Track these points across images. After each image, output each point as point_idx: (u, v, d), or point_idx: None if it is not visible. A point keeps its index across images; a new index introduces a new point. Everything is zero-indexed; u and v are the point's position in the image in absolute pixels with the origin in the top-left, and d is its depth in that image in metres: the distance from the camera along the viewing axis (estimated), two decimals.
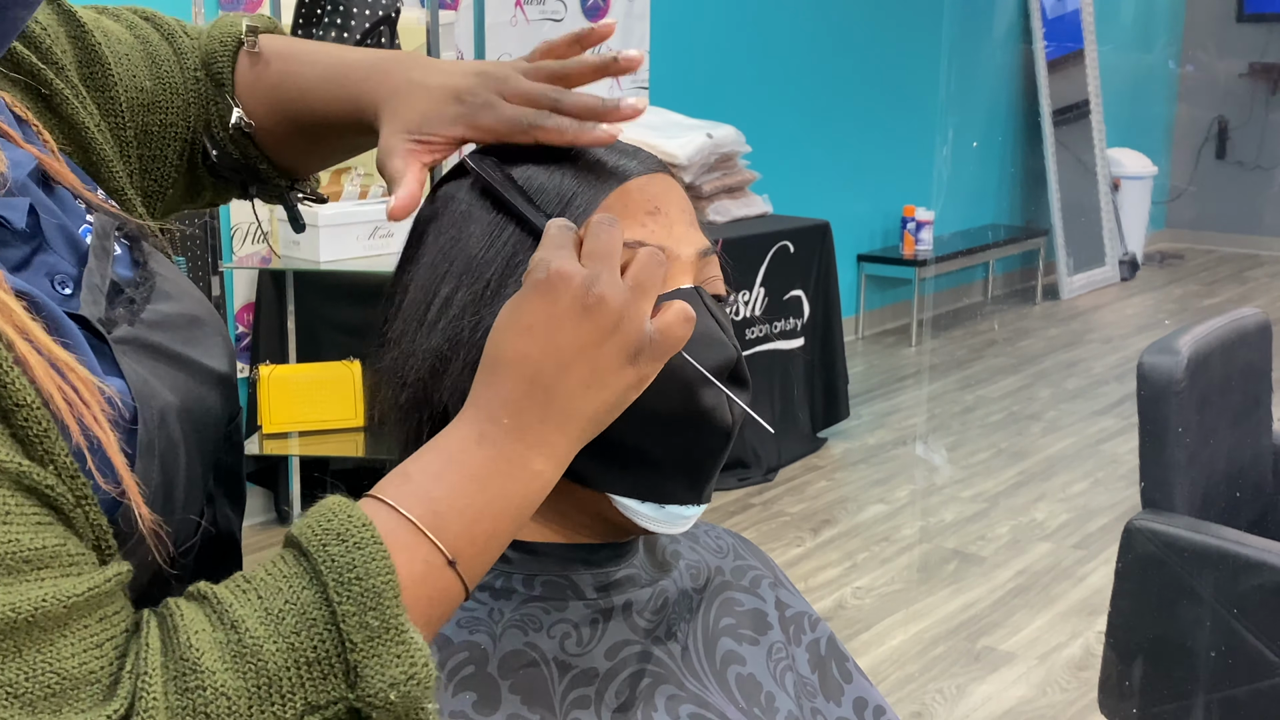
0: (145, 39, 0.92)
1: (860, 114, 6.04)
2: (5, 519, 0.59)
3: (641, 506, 0.78)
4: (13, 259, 0.69)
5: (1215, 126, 8.26)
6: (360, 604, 0.62)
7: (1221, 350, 2.31)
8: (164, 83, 0.91)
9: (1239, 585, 2.12)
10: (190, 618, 0.62)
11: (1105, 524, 3.90)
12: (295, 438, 3.29)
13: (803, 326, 4.50)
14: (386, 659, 0.62)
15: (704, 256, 0.82)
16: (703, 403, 0.77)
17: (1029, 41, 6.98)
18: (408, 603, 0.64)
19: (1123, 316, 6.79)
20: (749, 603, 0.92)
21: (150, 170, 0.91)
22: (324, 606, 0.62)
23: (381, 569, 0.63)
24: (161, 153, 0.91)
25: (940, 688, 2.95)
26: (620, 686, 0.81)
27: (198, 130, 0.93)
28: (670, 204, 0.81)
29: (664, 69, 5.01)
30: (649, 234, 0.79)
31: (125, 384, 0.68)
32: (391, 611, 0.62)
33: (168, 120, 0.91)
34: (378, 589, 0.62)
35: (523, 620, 0.80)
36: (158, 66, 0.91)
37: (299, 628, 0.61)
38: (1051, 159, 6.99)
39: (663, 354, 0.71)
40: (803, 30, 5.63)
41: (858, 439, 4.68)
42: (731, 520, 3.88)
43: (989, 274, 7.05)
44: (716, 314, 0.80)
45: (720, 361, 0.78)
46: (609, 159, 0.82)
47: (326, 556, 0.63)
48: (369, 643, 0.62)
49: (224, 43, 0.93)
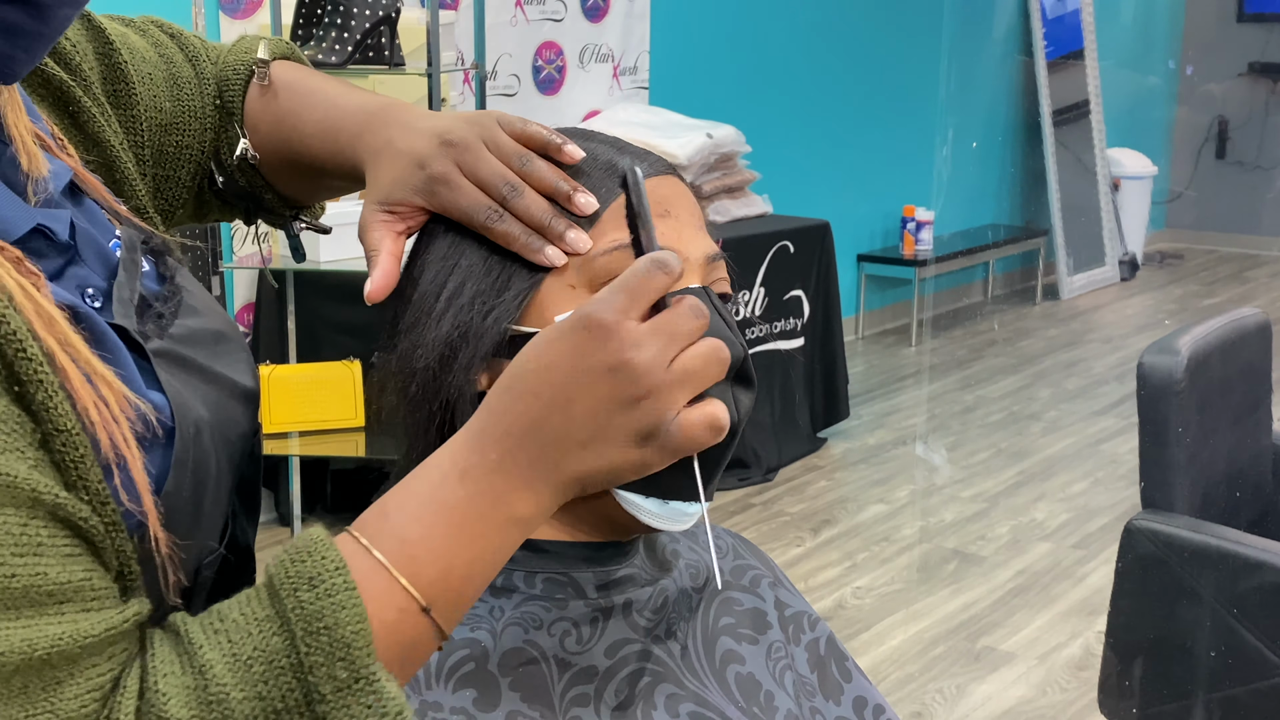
0: (170, 59, 0.91)
1: (860, 114, 6.04)
2: (37, 550, 0.59)
3: (645, 502, 0.78)
4: (48, 270, 0.68)
5: (1215, 127, 8.26)
6: (329, 655, 0.61)
7: (1221, 350, 2.31)
8: (184, 105, 0.90)
9: (1239, 585, 2.12)
10: (162, 659, 0.62)
11: (1105, 524, 3.90)
12: (295, 438, 3.29)
13: (803, 326, 4.50)
14: (356, 710, 0.61)
15: (712, 261, 0.82)
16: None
17: (1029, 42, 6.98)
18: (380, 650, 0.62)
19: (1123, 316, 6.79)
20: (748, 602, 0.92)
21: (164, 190, 0.91)
22: (292, 655, 0.61)
23: (352, 618, 0.61)
24: (175, 174, 0.91)
25: (940, 688, 2.95)
26: (620, 685, 0.81)
27: (210, 155, 0.93)
28: (680, 207, 0.82)
29: (664, 69, 5.01)
30: (659, 236, 0.79)
31: (165, 398, 0.68)
32: (362, 662, 0.61)
33: (184, 142, 0.91)
34: (347, 639, 0.61)
35: (523, 618, 0.80)
36: (179, 88, 0.90)
37: (266, 677, 0.60)
38: (1051, 159, 7.00)
39: (676, 450, 0.68)
40: (803, 30, 5.63)
41: (858, 439, 4.68)
42: (731, 520, 3.88)
43: (989, 274, 7.05)
44: (723, 313, 0.80)
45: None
46: (620, 160, 0.82)
47: (297, 603, 0.61)
48: (338, 694, 0.61)
49: (237, 70, 0.92)
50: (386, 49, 3.10)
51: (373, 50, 3.09)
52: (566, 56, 4.65)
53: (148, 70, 0.89)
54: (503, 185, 0.78)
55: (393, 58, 3.12)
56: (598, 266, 0.78)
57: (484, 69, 3.21)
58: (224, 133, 0.93)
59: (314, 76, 0.92)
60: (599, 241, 0.78)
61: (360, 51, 3.06)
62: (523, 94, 4.52)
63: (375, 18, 3.06)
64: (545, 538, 0.82)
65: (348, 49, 3.03)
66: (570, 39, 4.65)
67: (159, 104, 0.89)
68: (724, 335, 0.78)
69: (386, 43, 3.10)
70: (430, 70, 3.02)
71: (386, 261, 0.80)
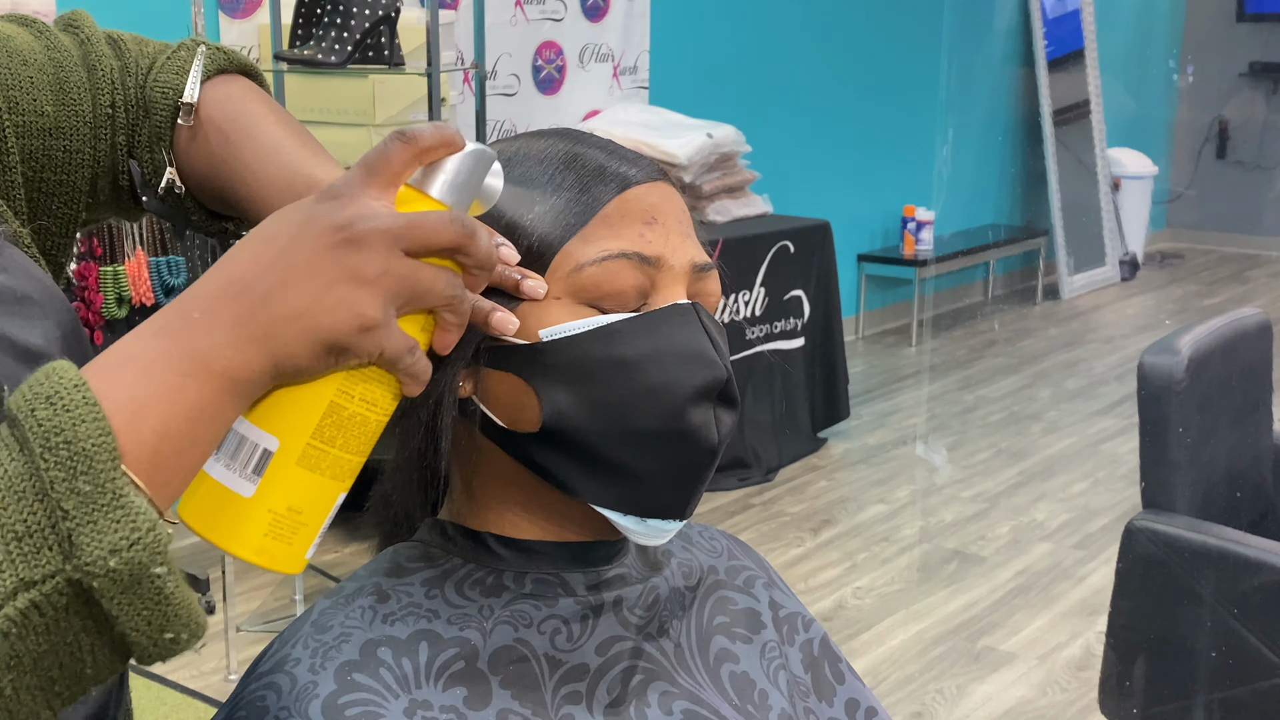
0: (60, 63, 0.90)
1: (860, 114, 6.04)
2: None
3: (623, 519, 0.78)
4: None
5: (1215, 127, 8.26)
6: (69, 469, 0.57)
7: (1221, 350, 2.31)
8: (70, 110, 0.89)
9: (1239, 585, 2.12)
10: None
11: (1105, 524, 3.89)
12: None
13: (803, 326, 4.50)
14: (103, 525, 0.57)
15: (700, 271, 0.81)
16: (689, 421, 0.76)
17: (1029, 41, 6.98)
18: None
19: (1123, 316, 6.79)
20: (743, 602, 0.92)
21: (55, 194, 0.90)
22: (33, 476, 0.58)
23: (94, 430, 0.58)
24: (68, 178, 0.90)
25: (940, 688, 2.95)
26: (612, 683, 0.81)
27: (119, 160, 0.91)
28: (668, 214, 0.80)
29: (664, 69, 5.01)
30: (645, 244, 0.78)
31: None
32: (106, 474, 0.58)
33: (72, 147, 0.89)
34: (89, 451, 0.57)
35: (513, 616, 0.80)
36: (64, 93, 0.89)
37: (6, 502, 0.57)
38: (1051, 159, 6.99)
39: (375, 345, 0.64)
40: (803, 30, 5.63)
41: (858, 439, 4.68)
42: (731, 520, 3.88)
43: (989, 274, 7.05)
44: (711, 332, 0.79)
45: (709, 381, 0.77)
46: (610, 164, 0.80)
47: (34, 422, 0.58)
48: (81, 509, 0.57)
49: (165, 93, 0.90)
50: (386, 48, 3.10)
51: (372, 50, 3.09)
52: (566, 56, 4.65)
53: (28, 74, 0.87)
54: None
55: (392, 57, 3.12)
56: (585, 277, 0.77)
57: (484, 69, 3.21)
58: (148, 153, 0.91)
59: (252, 117, 0.89)
60: (587, 251, 0.77)
61: (360, 51, 3.06)
62: (522, 94, 4.52)
63: (375, 17, 3.05)
64: (534, 538, 0.82)
65: (347, 48, 3.03)
66: (570, 39, 4.65)
67: (38, 107, 0.87)
68: (708, 357, 0.77)
69: (386, 42, 3.10)
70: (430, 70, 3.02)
71: None
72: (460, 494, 0.84)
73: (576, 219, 0.78)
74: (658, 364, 0.76)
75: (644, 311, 0.77)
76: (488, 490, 0.82)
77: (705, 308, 0.81)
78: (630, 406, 0.75)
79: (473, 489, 0.83)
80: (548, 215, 0.78)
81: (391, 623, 0.78)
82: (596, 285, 0.76)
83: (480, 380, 0.78)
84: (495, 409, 0.78)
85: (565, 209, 0.78)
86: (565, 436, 0.76)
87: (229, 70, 0.94)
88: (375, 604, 0.79)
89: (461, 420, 0.80)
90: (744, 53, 5.37)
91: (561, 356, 0.76)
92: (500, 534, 0.82)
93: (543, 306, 0.77)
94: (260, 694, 0.75)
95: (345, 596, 0.80)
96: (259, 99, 0.93)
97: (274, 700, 0.74)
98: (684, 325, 0.78)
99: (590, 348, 0.76)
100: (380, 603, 0.79)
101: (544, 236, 0.77)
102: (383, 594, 0.80)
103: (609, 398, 0.75)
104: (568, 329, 0.76)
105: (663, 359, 0.76)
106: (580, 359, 0.76)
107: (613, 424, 0.75)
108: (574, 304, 0.77)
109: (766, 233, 4.36)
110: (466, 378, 0.78)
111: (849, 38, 5.90)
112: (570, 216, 0.78)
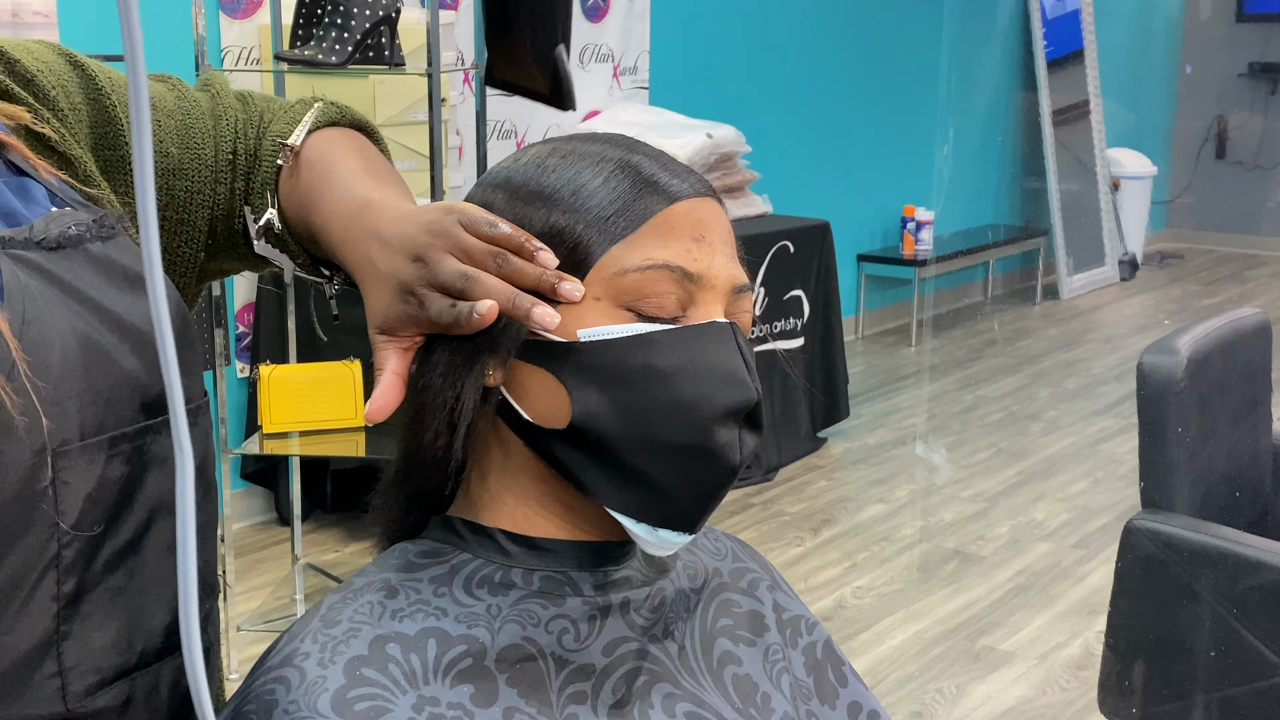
0: (188, 111, 0.94)
1: (860, 114, 6.04)
2: None
3: (636, 526, 0.79)
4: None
5: (1215, 127, 8.26)
6: None
7: (1221, 350, 2.31)
8: (192, 153, 0.93)
9: (1239, 585, 2.12)
10: None
11: (1105, 524, 3.90)
12: (295, 438, 3.29)
13: (803, 326, 4.50)
14: None
15: (739, 292, 0.82)
16: (715, 439, 0.77)
17: (1029, 41, 6.98)
18: None
19: (1122, 316, 6.79)
20: (746, 604, 0.92)
21: (177, 231, 0.94)
22: None
23: None
24: (189, 218, 0.94)
25: (940, 688, 2.95)
26: (617, 683, 0.81)
27: (236, 206, 0.95)
28: (714, 233, 0.81)
29: (664, 69, 5.02)
30: (691, 260, 0.79)
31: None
32: None
33: (193, 188, 0.93)
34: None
35: (521, 615, 0.80)
36: (190, 136, 0.93)
37: None
38: (1051, 159, 6.99)
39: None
40: (802, 30, 5.63)
41: (858, 439, 4.68)
42: (731, 520, 3.88)
43: (989, 274, 7.05)
44: (745, 353, 0.80)
45: (739, 402, 0.78)
46: (662, 176, 0.81)
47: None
48: None
49: (274, 142, 0.95)
50: (386, 49, 3.10)
51: (373, 50, 3.09)
52: None
53: (157, 118, 0.92)
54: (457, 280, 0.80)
55: (393, 58, 3.12)
56: (627, 282, 0.78)
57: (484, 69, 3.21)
58: (259, 197, 0.95)
59: (337, 154, 0.93)
60: (632, 257, 0.78)
61: (360, 51, 3.06)
62: None
63: (375, 18, 3.05)
64: (545, 535, 0.82)
65: (348, 49, 3.03)
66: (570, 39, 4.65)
67: (164, 148, 0.92)
68: (740, 377, 0.78)
69: (386, 43, 3.10)
70: (430, 70, 3.02)
71: (390, 380, 0.80)
72: (475, 486, 0.84)
73: (626, 225, 0.79)
74: (691, 378, 0.77)
75: (682, 325, 0.78)
76: (504, 482, 0.82)
77: (742, 327, 0.82)
78: (659, 417, 0.76)
79: (489, 480, 0.83)
80: (597, 218, 0.79)
81: (400, 619, 0.78)
82: (638, 291, 0.78)
83: (510, 371, 0.79)
84: (523, 401, 0.79)
85: (615, 214, 0.79)
86: (591, 437, 0.77)
87: (341, 124, 0.97)
88: (384, 599, 0.80)
89: (483, 409, 0.81)
90: (744, 53, 5.37)
91: (598, 358, 0.77)
92: (511, 530, 0.82)
93: (581, 306, 0.78)
94: (269, 688, 0.75)
95: (354, 591, 0.81)
96: (355, 143, 0.96)
97: (283, 694, 0.74)
98: (721, 344, 0.78)
99: (627, 354, 0.77)
100: (389, 598, 0.80)
101: (591, 237, 0.78)
102: (391, 590, 0.80)
103: (640, 405, 0.76)
104: (607, 332, 0.77)
105: (697, 374, 0.77)
106: (616, 363, 0.77)
107: (639, 431, 0.76)
108: (612, 307, 0.78)
109: (766, 233, 4.36)
110: (495, 367, 0.79)
111: (849, 38, 5.90)
112: (620, 221, 0.79)
